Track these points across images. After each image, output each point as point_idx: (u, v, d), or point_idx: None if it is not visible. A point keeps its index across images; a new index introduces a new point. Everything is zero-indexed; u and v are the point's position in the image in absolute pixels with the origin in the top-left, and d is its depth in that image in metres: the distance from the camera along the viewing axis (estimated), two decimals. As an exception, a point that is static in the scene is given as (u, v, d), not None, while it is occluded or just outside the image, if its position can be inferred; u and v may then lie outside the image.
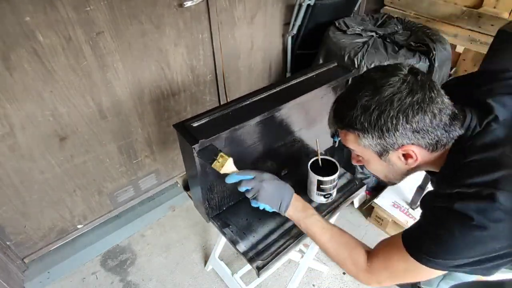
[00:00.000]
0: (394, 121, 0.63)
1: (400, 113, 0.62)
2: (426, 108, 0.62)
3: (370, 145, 0.68)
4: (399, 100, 0.62)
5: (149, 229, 1.89)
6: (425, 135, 0.64)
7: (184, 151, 0.97)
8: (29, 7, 1.11)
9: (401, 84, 0.63)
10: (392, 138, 0.65)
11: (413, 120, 0.62)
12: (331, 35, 1.83)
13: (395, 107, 0.62)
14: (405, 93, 0.62)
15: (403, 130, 0.63)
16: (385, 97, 0.63)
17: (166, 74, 1.59)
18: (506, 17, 1.85)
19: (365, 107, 0.65)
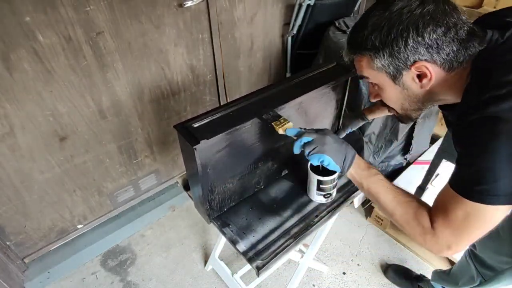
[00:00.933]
0: (404, 34, 0.60)
1: (410, 25, 0.60)
2: (438, 19, 0.59)
3: (383, 66, 0.66)
4: (409, 12, 0.60)
5: (149, 229, 1.89)
6: (439, 50, 0.61)
7: (185, 152, 0.97)
8: (29, 7, 1.11)
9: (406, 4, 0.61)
10: (404, 53, 0.62)
11: (425, 31, 0.59)
12: (331, 35, 1.83)
13: (404, 20, 0.60)
14: (415, 5, 0.60)
15: (414, 43, 0.61)
16: (395, 11, 0.61)
17: (166, 74, 1.59)
18: (506, 17, 1.85)
19: (375, 24, 0.63)
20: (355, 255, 1.75)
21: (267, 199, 1.23)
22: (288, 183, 1.29)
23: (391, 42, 0.62)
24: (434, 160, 1.59)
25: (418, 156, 2.09)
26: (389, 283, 1.63)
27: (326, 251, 1.77)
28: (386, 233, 1.85)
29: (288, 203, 1.21)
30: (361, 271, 1.69)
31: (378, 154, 1.88)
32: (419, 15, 0.59)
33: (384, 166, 1.98)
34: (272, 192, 1.26)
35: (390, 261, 1.73)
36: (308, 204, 1.21)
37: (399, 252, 1.77)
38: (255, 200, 1.22)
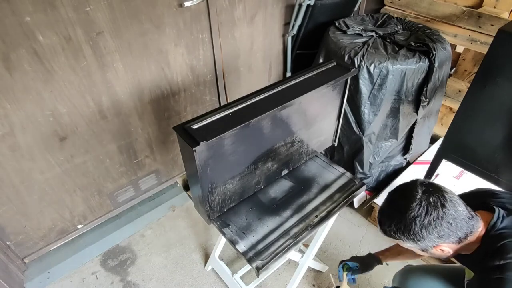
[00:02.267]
0: (418, 236, 0.84)
1: (423, 230, 0.83)
2: (441, 222, 0.82)
3: (411, 247, 0.89)
4: (420, 221, 0.83)
5: (149, 229, 1.89)
6: (448, 237, 0.83)
7: (185, 153, 0.97)
8: (29, 7, 1.11)
9: (419, 208, 0.83)
10: (423, 243, 0.85)
11: (434, 231, 0.83)
12: (331, 35, 1.83)
13: (418, 227, 0.83)
14: (423, 215, 0.82)
15: (429, 238, 0.84)
16: (409, 220, 0.84)
17: (166, 74, 1.59)
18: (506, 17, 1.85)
19: (398, 228, 0.87)
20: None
21: (267, 199, 1.23)
22: (288, 183, 1.29)
23: (413, 238, 0.85)
24: (434, 160, 1.59)
25: (418, 156, 2.09)
26: (389, 283, 1.63)
27: (326, 251, 1.77)
28: (386, 233, 1.84)
29: (288, 203, 1.21)
30: (361, 271, 1.69)
31: (378, 154, 1.88)
32: (427, 222, 0.82)
33: (384, 166, 1.97)
34: (272, 192, 1.26)
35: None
36: (308, 204, 1.21)
37: (399, 252, 1.77)
38: (255, 201, 1.22)
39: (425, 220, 0.83)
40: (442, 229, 0.83)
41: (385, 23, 1.98)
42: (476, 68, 2.11)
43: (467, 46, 2.00)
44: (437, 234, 0.83)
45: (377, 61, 1.63)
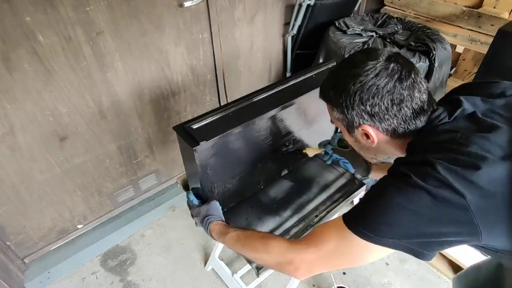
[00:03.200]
0: (351, 99, 0.68)
1: (357, 94, 0.67)
2: (384, 94, 0.66)
3: (339, 119, 0.75)
4: (361, 82, 0.67)
5: (149, 229, 1.89)
6: (380, 120, 0.68)
7: (185, 153, 0.97)
8: (29, 7, 1.11)
9: (371, 68, 0.66)
10: (351, 115, 0.70)
11: (367, 103, 0.67)
12: (331, 35, 1.83)
13: (356, 88, 0.67)
14: (370, 77, 0.66)
15: (359, 110, 0.69)
16: (352, 77, 0.68)
17: (166, 74, 1.59)
18: (506, 17, 1.85)
19: (336, 83, 0.72)
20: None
21: (267, 199, 1.23)
22: (288, 183, 1.29)
23: (342, 103, 0.70)
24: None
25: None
26: (389, 283, 1.64)
27: (326, 251, 1.77)
28: (386, 233, 1.84)
29: (287, 203, 1.21)
30: (361, 271, 1.69)
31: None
32: (369, 86, 0.66)
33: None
34: (272, 192, 1.26)
35: (390, 261, 1.73)
36: (308, 204, 1.21)
37: (399, 252, 1.76)
38: (255, 200, 1.22)
39: (368, 83, 0.66)
40: (379, 104, 0.66)
41: (385, 23, 1.98)
42: (476, 68, 2.11)
43: (467, 46, 2.00)
44: (370, 109, 0.67)
45: (377, 61, 1.63)
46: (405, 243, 0.61)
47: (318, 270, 0.72)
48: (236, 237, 0.87)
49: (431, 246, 0.61)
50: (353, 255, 0.66)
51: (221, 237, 0.92)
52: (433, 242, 0.60)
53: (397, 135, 0.70)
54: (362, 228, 0.63)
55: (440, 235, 0.59)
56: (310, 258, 0.70)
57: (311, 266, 0.71)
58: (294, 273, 0.73)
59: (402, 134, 0.70)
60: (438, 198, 0.57)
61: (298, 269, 0.72)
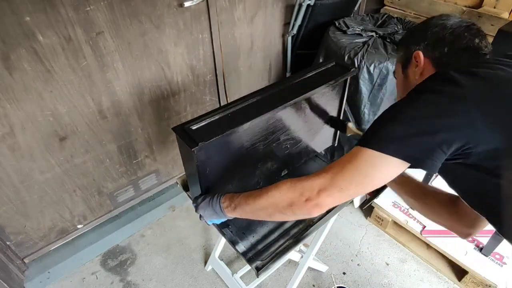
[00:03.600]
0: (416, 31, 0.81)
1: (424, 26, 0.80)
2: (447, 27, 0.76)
3: (400, 57, 0.86)
4: (432, 21, 0.80)
5: (149, 229, 1.89)
6: (433, 48, 0.77)
7: (184, 154, 0.97)
8: (29, 7, 1.11)
9: (448, 21, 0.78)
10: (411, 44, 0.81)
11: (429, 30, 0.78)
12: (331, 35, 1.83)
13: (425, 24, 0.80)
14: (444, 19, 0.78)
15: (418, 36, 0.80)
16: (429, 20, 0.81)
17: (166, 74, 1.59)
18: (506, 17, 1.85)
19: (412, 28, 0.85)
20: (355, 255, 1.75)
21: (267, 199, 1.23)
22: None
23: (409, 36, 0.84)
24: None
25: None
26: (389, 283, 1.64)
27: (326, 251, 1.77)
28: (386, 233, 1.85)
29: (288, 203, 1.21)
30: (361, 271, 1.69)
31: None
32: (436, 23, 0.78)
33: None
34: (272, 192, 1.25)
35: (390, 261, 1.73)
36: (308, 204, 1.21)
37: (399, 252, 1.77)
38: (255, 200, 1.22)
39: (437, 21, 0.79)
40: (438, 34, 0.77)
41: (385, 23, 1.98)
42: (476, 68, 2.11)
43: (467, 46, 1.99)
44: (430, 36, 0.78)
45: (377, 61, 1.63)
46: (407, 147, 0.61)
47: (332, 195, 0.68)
48: (246, 197, 0.83)
49: (431, 149, 0.61)
50: (364, 170, 0.65)
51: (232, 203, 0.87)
52: (431, 143, 0.61)
53: (442, 66, 0.76)
54: (370, 141, 0.64)
55: (439, 131, 0.60)
56: (322, 184, 0.68)
57: (324, 192, 0.68)
58: (306, 205, 0.70)
59: (446, 65, 0.76)
60: (441, 92, 0.62)
61: (310, 199, 0.69)
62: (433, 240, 1.66)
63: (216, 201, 0.91)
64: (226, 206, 0.88)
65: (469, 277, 1.55)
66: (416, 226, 1.72)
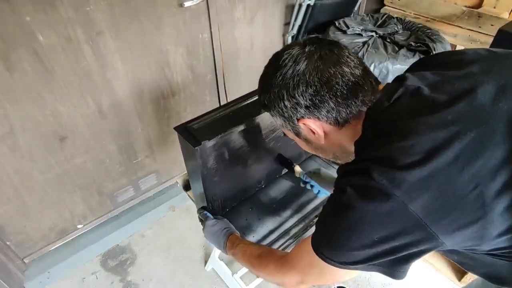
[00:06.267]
0: (279, 96, 0.63)
1: (282, 87, 0.62)
2: (308, 79, 0.59)
3: (282, 125, 0.69)
4: (281, 74, 0.62)
5: (149, 229, 1.89)
6: (315, 108, 0.61)
7: (186, 154, 0.97)
8: (29, 7, 1.11)
9: (287, 57, 0.61)
10: (287, 113, 0.64)
11: (295, 93, 0.61)
12: (331, 35, 1.83)
13: (279, 81, 0.62)
14: (289, 65, 0.61)
15: (290, 104, 0.62)
16: (273, 72, 0.63)
17: (166, 74, 1.59)
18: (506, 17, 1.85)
19: (263, 85, 0.68)
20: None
21: (267, 199, 1.23)
22: (287, 182, 1.29)
23: (274, 103, 0.65)
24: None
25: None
26: (389, 283, 1.63)
27: (326, 251, 1.77)
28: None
29: (287, 203, 1.21)
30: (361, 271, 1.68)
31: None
32: (289, 76, 0.61)
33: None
34: (272, 192, 1.26)
35: (390, 261, 1.73)
36: (308, 204, 1.21)
37: (399, 252, 1.77)
38: (255, 201, 1.22)
39: (288, 73, 0.60)
40: (308, 91, 0.59)
41: (385, 23, 1.98)
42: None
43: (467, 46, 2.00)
44: (302, 101, 0.60)
45: (377, 61, 1.63)
46: (372, 266, 0.57)
47: (311, 285, 0.74)
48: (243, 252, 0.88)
49: (397, 263, 0.56)
50: (333, 276, 0.65)
51: (232, 249, 0.92)
52: (397, 259, 0.54)
53: (342, 122, 0.62)
54: (326, 256, 0.59)
55: (398, 250, 0.53)
56: (296, 279, 0.71)
57: (303, 285, 0.72)
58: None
59: (346, 119, 0.62)
60: (377, 211, 0.51)
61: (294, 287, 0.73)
62: (433, 240, 1.65)
63: (223, 237, 0.96)
64: (229, 247, 0.94)
65: (469, 277, 1.55)
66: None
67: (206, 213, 1.05)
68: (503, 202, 0.49)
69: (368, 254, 0.55)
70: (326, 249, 0.60)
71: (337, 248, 0.58)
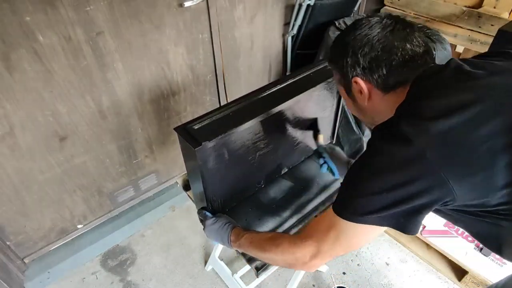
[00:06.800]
0: (345, 52, 0.69)
1: (350, 45, 0.69)
2: (375, 43, 0.66)
3: (339, 80, 0.76)
4: (355, 35, 0.69)
5: (149, 229, 1.89)
6: (371, 70, 0.67)
7: (186, 154, 0.97)
8: (29, 7, 1.11)
9: (366, 23, 0.69)
10: (346, 69, 0.71)
11: (359, 52, 0.67)
12: (331, 35, 1.84)
13: (350, 40, 0.69)
14: (364, 29, 0.68)
15: (351, 61, 0.69)
16: (349, 32, 0.70)
17: (166, 74, 1.59)
18: (506, 17, 1.85)
19: (336, 42, 0.74)
20: (355, 255, 1.75)
21: (267, 199, 1.23)
22: (287, 183, 1.29)
23: (338, 58, 0.72)
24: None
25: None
26: (389, 283, 1.64)
27: (326, 251, 1.77)
28: (386, 233, 1.85)
29: (287, 203, 1.21)
30: (361, 271, 1.69)
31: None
32: (360, 38, 0.68)
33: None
34: (272, 192, 1.26)
35: (391, 261, 1.73)
36: (307, 204, 1.21)
37: (399, 252, 1.77)
38: (255, 201, 1.22)
39: (361, 35, 0.68)
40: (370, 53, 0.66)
41: (385, 23, 1.98)
42: (476, 68, 2.11)
43: (467, 46, 1.99)
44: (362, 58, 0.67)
45: (377, 61, 1.63)
46: (387, 216, 0.60)
47: (324, 259, 0.72)
48: (250, 240, 0.88)
49: (411, 215, 0.60)
50: (349, 239, 0.67)
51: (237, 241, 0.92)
52: (411, 209, 0.59)
53: (388, 88, 0.69)
54: (348, 213, 0.64)
55: (413, 198, 0.57)
56: (312, 251, 0.71)
57: (316, 258, 0.72)
58: (304, 267, 0.75)
59: (392, 86, 0.68)
60: (398, 155, 0.57)
61: (306, 263, 0.73)
62: (433, 240, 1.66)
63: (225, 232, 0.96)
64: (233, 240, 0.94)
65: (469, 277, 1.55)
66: (416, 226, 1.71)
67: (206, 213, 1.05)
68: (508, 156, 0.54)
69: (386, 201, 0.59)
70: (347, 199, 0.64)
71: (357, 194, 0.62)
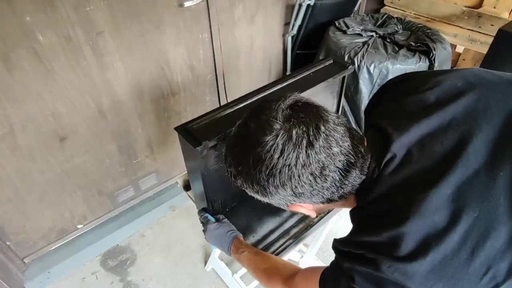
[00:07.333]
0: (266, 189, 0.56)
1: (269, 182, 0.54)
2: (300, 172, 0.52)
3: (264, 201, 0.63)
4: (267, 168, 0.53)
5: (149, 229, 1.89)
6: (309, 197, 0.57)
7: (187, 154, 0.97)
8: (29, 7, 1.11)
9: (271, 147, 0.52)
10: (276, 201, 0.59)
11: (285, 188, 0.54)
12: (331, 35, 1.84)
13: (265, 176, 0.54)
14: (275, 158, 0.52)
15: (280, 196, 0.57)
16: (254, 163, 0.54)
17: (166, 74, 1.59)
18: (506, 17, 1.85)
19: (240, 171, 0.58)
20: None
21: (267, 199, 1.23)
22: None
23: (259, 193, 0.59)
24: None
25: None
26: (389, 283, 1.63)
27: (326, 251, 1.77)
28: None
29: (288, 203, 1.21)
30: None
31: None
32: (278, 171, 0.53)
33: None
34: (272, 192, 1.25)
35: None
36: (308, 204, 1.21)
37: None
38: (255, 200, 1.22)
39: (276, 168, 0.52)
40: (300, 184, 0.53)
41: (385, 23, 1.98)
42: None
43: (467, 46, 2.00)
44: (292, 191, 0.55)
45: (377, 61, 1.63)
46: None
47: None
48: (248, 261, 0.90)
49: None
50: None
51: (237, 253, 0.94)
52: None
53: (336, 199, 0.59)
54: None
55: None
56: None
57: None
58: None
59: (339, 197, 0.59)
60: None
61: None
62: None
63: (227, 241, 0.97)
64: (233, 251, 0.94)
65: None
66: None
67: (207, 216, 1.04)
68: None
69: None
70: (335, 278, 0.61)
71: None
